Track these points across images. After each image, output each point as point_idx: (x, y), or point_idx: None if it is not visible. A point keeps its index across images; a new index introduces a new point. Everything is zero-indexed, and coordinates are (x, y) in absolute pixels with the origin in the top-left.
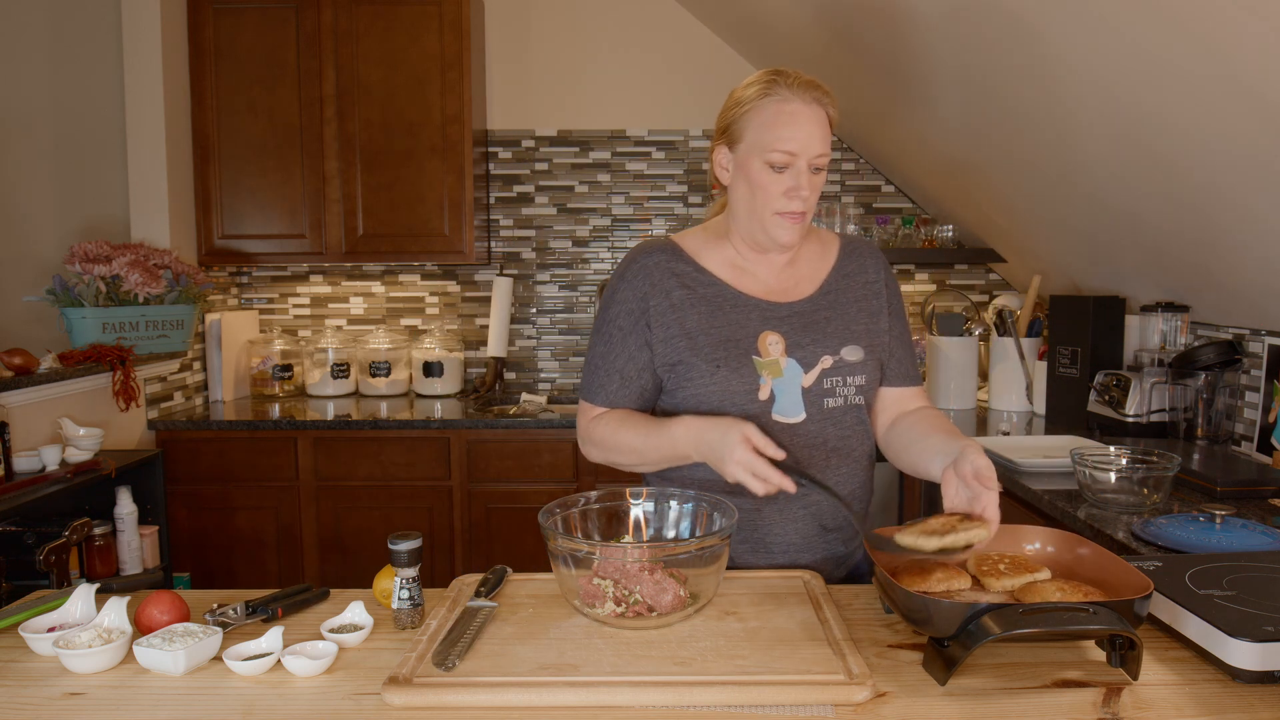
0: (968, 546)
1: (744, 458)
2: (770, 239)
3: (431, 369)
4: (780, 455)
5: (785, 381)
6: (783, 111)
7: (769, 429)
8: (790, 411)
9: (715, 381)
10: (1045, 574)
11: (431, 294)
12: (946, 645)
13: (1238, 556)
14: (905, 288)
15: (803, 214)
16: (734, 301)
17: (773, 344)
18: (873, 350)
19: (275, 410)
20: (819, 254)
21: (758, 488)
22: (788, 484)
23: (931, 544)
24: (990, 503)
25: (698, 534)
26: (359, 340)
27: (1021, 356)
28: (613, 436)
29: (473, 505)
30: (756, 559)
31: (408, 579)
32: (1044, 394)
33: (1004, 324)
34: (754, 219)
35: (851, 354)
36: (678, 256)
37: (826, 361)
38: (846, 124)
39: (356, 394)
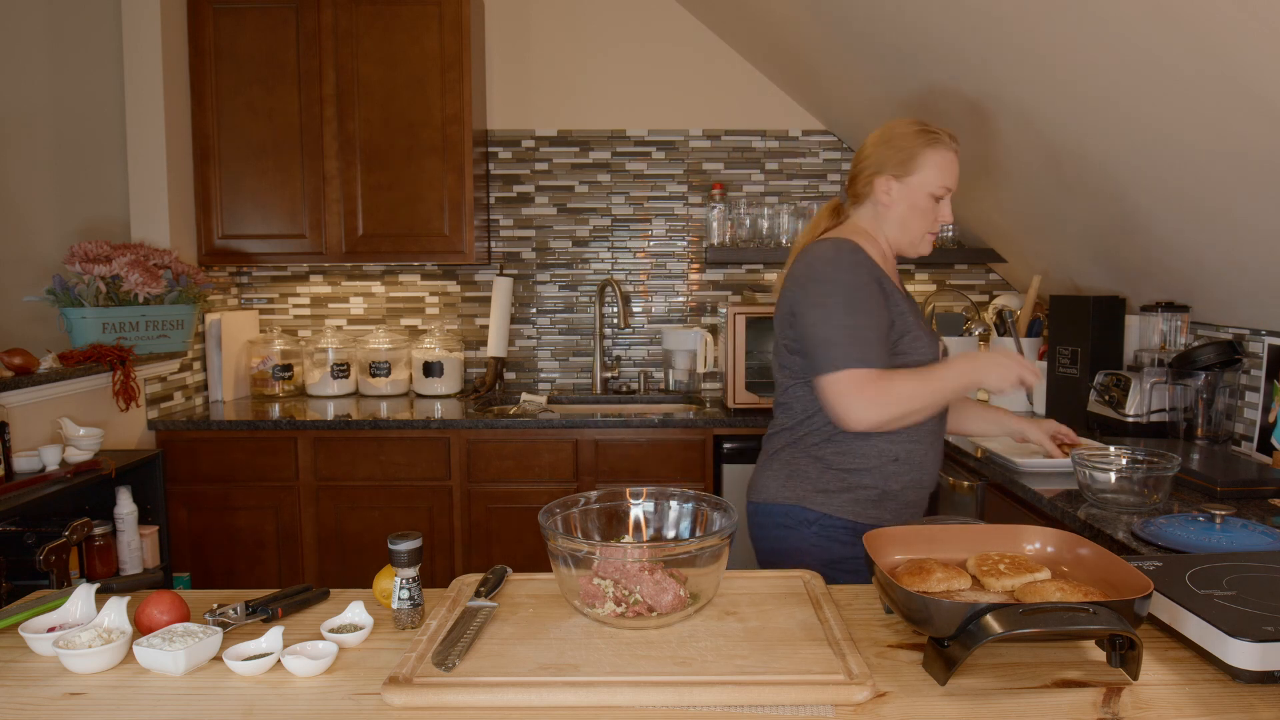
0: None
1: (1018, 363)
2: (914, 250)
3: (431, 369)
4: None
5: None
6: (945, 158)
7: None
8: None
9: (933, 352)
10: (1045, 574)
11: (431, 294)
12: (946, 645)
13: (1238, 556)
14: (906, 287)
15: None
16: (899, 293)
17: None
18: None
19: (275, 410)
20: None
21: (1031, 379)
22: (1037, 375)
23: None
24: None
25: (698, 534)
26: (359, 340)
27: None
28: (916, 388)
29: (473, 505)
30: (920, 493)
31: (408, 579)
32: (1044, 394)
33: (1004, 324)
34: (905, 234)
35: (945, 342)
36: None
37: (945, 346)
38: (847, 122)
39: (356, 394)
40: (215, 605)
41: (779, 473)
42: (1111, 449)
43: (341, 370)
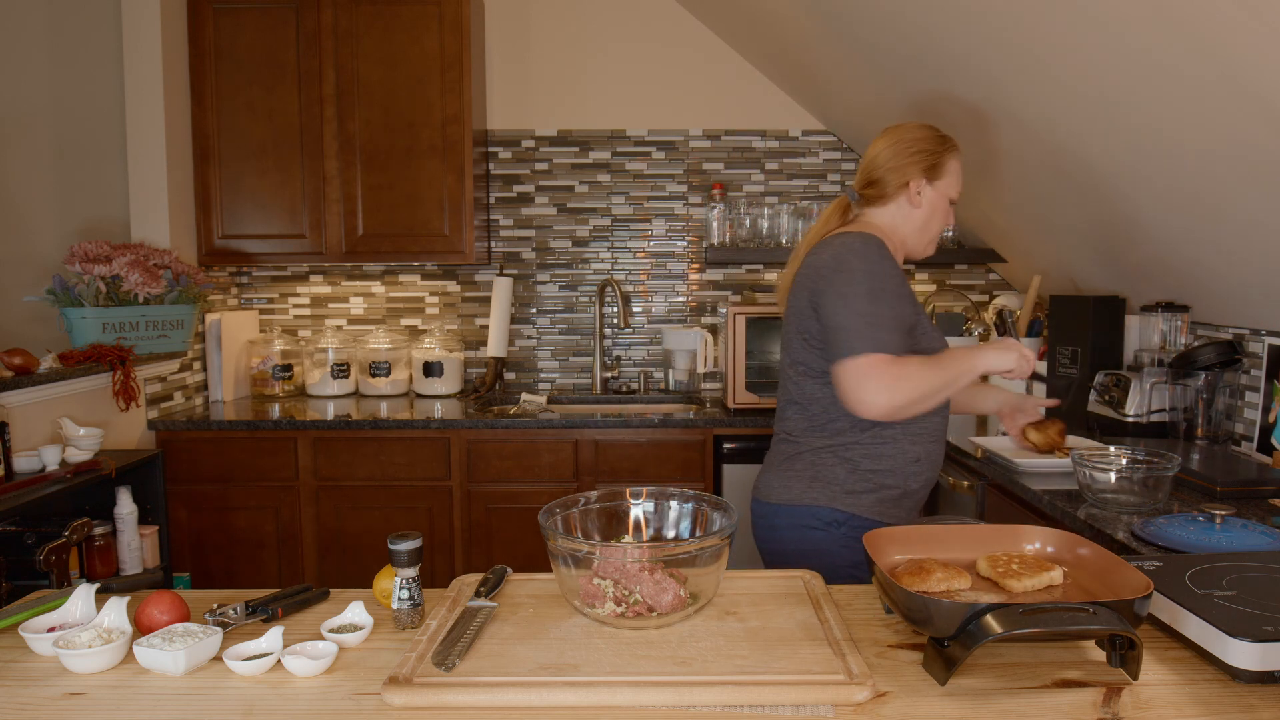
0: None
1: (1015, 346)
2: (924, 251)
3: (431, 369)
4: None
5: None
6: (959, 165)
7: None
8: None
9: (942, 346)
10: (1058, 572)
11: (431, 294)
12: (946, 645)
13: (1238, 556)
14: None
15: None
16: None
17: None
18: None
19: (275, 410)
20: None
21: (1028, 359)
22: (1032, 358)
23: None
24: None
25: (698, 534)
26: (359, 340)
27: None
28: (929, 373)
29: (473, 505)
30: (928, 490)
31: (408, 579)
32: (1044, 394)
33: (1004, 324)
34: (924, 235)
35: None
36: None
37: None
38: (848, 123)
39: (356, 394)
40: (215, 605)
41: (803, 474)
42: (1111, 449)
43: (341, 370)
